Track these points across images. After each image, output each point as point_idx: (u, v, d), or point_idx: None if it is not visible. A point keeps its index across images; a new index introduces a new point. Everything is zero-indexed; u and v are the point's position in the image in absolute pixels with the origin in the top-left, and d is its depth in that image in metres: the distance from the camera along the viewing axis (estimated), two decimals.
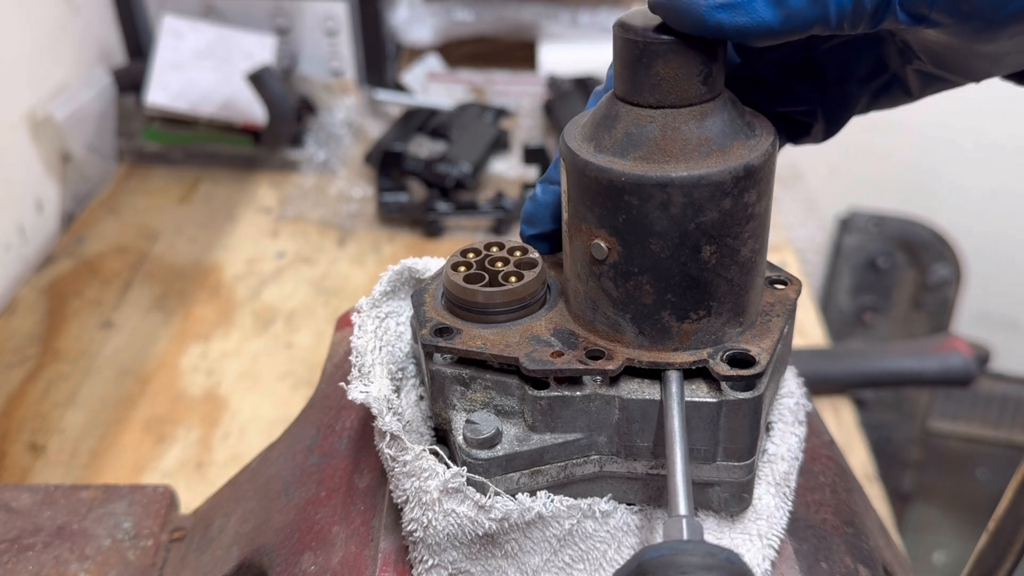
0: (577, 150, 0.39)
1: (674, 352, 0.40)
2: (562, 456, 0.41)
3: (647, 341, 0.41)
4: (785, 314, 0.43)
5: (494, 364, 0.42)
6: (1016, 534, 0.40)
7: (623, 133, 0.38)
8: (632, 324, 0.40)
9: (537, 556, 0.41)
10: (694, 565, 0.30)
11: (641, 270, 0.39)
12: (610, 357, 0.40)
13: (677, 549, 0.31)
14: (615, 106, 0.39)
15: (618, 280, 0.40)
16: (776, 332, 0.42)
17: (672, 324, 0.40)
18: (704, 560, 0.30)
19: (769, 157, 0.39)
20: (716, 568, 0.30)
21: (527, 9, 1.51)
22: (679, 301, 0.40)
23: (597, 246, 0.39)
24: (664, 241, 0.38)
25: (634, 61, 0.37)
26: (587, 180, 0.39)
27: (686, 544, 0.32)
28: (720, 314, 0.40)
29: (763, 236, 0.40)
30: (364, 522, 0.46)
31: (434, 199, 1.21)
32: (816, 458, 0.51)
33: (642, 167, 0.37)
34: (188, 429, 0.93)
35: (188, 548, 0.58)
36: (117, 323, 1.07)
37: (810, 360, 1.01)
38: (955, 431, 1.50)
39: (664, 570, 0.30)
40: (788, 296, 0.44)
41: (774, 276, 0.46)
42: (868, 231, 1.58)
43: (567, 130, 0.41)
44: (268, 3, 1.40)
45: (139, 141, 1.35)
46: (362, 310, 0.48)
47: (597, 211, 0.39)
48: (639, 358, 0.40)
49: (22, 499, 0.61)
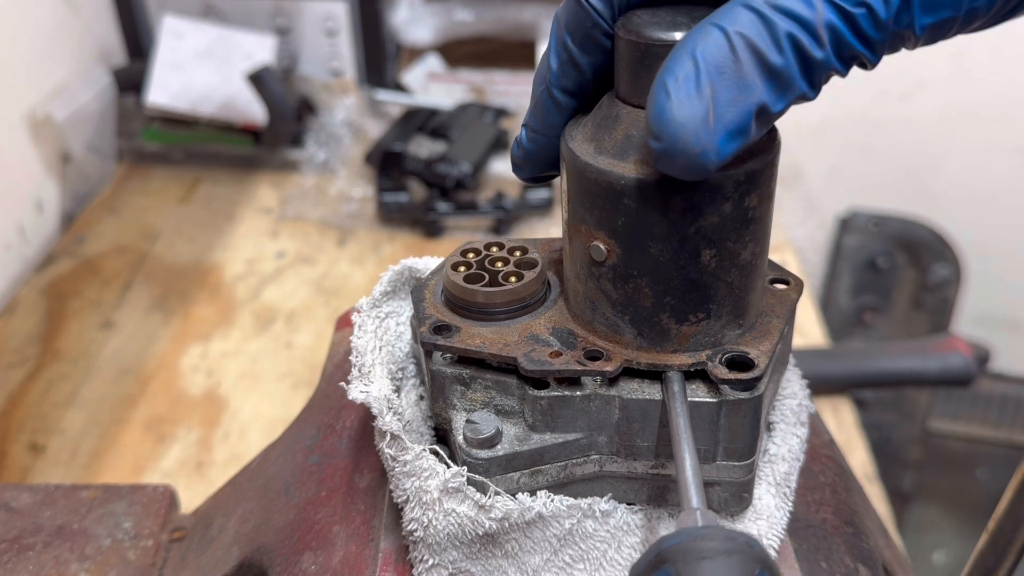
0: (577, 151, 0.39)
1: (673, 354, 0.40)
2: (562, 456, 0.41)
3: (646, 343, 0.41)
4: (785, 315, 0.43)
5: (493, 363, 0.42)
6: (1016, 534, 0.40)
7: (623, 135, 0.38)
8: (631, 326, 0.40)
9: (537, 556, 0.41)
10: (715, 550, 0.30)
11: (640, 273, 0.39)
12: (608, 358, 0.40)
13: (696, 535, 0.31)
14: (616, 107, 0.39)
15: (617, 282, 0.40)
16: (776, 334, 0.42)
17: (671, 326, 0.40)
18: (724, 544, 0.30)
19: (771, 161, 0.38)
20: (736, 552, 0.30)
21: (527, 9, 1.51)
22: (678, 304, 0.39)
23: (596, 248, 0.39)
24: (663, 245, 0.38)
25: (636, 63, 0.37)
26: (587, 182, 0.38)
27: (704, 530, 0.31)
28: (719, 316, 0.40)
29: (764, 239, 0.40)
30: (364, 522, 0.46)
31: (434, 199, 1.21)
32: (816, 458, 0.51)
33: (642, 170, 0.37)
34: (188, 429, 0.93)
35: (188, 548, 0.58)
36: (117, 323, 1.07)
37: (810, 360, 1.02)
38: (955, 431, 1.50)
39: (685, 556, 0.30)
40: (789, 296, 0.44)
41: (775, 275, 0.45)
42: (868, 231, 1.58)
43: (567, 130, 0.41)
44: (268, 3, 1.40)
45: (139, 141, 1.35)
46: (362, 310, 0.48)
47: (596, 213, 0.39)
48: (638, 359, 0.40)
49: (22, 499, 0.61)
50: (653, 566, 0.31)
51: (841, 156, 1.60)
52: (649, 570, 0.31)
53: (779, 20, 0.32)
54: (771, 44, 0.32)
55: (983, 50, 1.48)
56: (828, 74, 0.34)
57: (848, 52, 0.33)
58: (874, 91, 1.55)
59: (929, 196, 1.59)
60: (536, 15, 1.51)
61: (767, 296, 0.44)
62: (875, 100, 1.56)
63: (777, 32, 0.32)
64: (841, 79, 0.35)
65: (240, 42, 1.38)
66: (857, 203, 1.59)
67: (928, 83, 1.53)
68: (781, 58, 0.32)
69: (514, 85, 1.48)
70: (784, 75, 0.33)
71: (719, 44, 0.32)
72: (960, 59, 1.50)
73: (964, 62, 1.50)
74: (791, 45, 0.32)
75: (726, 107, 0.32)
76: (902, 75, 1.53)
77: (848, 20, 0.32)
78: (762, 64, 0.32)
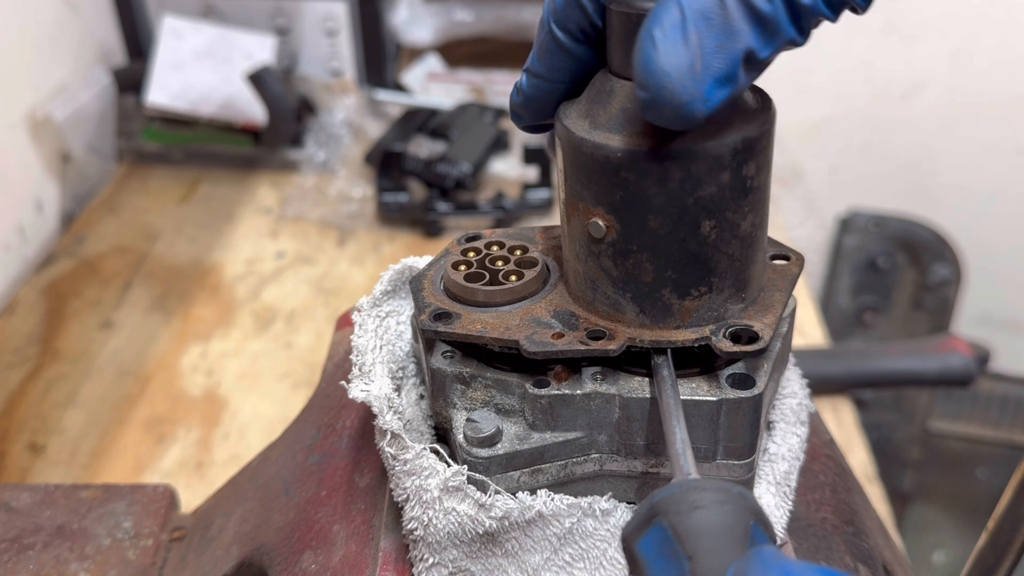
0: (572, 127, 0.39)
1: (676, 330, 0.40)
2: (562, 455, 0.41)
3: (648, 320, 0.40)
4: (787, 288, 0.43)
5: (495, 348, 0.42)
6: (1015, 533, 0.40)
7: (618, 108, 0.38)
8: (633, 303, 0.40)
9: (537, 554, 0.41)
10: (709, 500, 0.29)
11: (640, 247, 0.39)
12: (611, 337, 0.40)
13: (688, 486, 0.30)
14: (609, 81, 0.38)
15: (617, 258, 0.39)
16: (779, 307, 0.41)
17: (673, 302, 0.40)
18: (718, 495, 0.29)
19: (768, 129, 0.38)
20: (730, 502, 0.29)
21: (527, 9, 1.51)
22: (679, 278, 0.39)
23: (595, 224, 0.39)
24: (663, 217, 0.38)
25: (628, 35, 0.36)
26: (583, 157, 0.38)
27: (697, 481, 0.30)
28: (721, 290, 0.40)
29: (763, 210, 0.40)
30: (364, 521, 0.46)
31: (434, 199, 1.21)
32: (816, 457, 0.51)
33: (639, 141, 0.37)
34: (188, 429, 0.93)
35: (188, 547, 0.58)
36: (117, 323, 1.07)
37: (810, 360, 1.01)
38: (955, 431, 1.50)
39: (677, 507, 0.29)
40: (790, 271, 0.44)
41: (775, 252, 0.45)
42: (868, 231, 1.58)
43: (562, 107, 0.40)
44: (268, 3, 1.40)
45: (139, 141, 1.35)
46: (363, 309, 0.48)
47: (594, 188, 0.38)
48: (640, 337, 0.40)
49: (22, 499, 0.61)
50: (645, 522, 0.30)
51: (841, 156, 1.60)
52: (641, 527, 0.30)
53: None
54: None
55: (983, 50, 1.48)
56: (817, 20, 0.33)
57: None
58: (874, 91, 1.55)
59: (929, 196, 1.59)
60: (536, 15, 1.50)
61: (768, 272, 0.43)
62: (875, 100, 1.56)
63: None
64: (831, 24, 0.35)
65: (240, 42, 1.38)
66: (857, 203, 1.59)
67: (928, 83, 1.53)
68: (768, 4, 0.32)
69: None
70: (771, 21, 0.33)
71: None
72: (960, 59, 1.50)
73: (964, 62, 1.50)
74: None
75: (713, 54, 0.32)
76: (902, 75, 1.53)
77: None
78: (748, 10, 0.32)
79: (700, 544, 0.28)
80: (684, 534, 0.28)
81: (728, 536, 0.28)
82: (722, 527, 0.28)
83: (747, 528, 0.29)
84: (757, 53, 0.33)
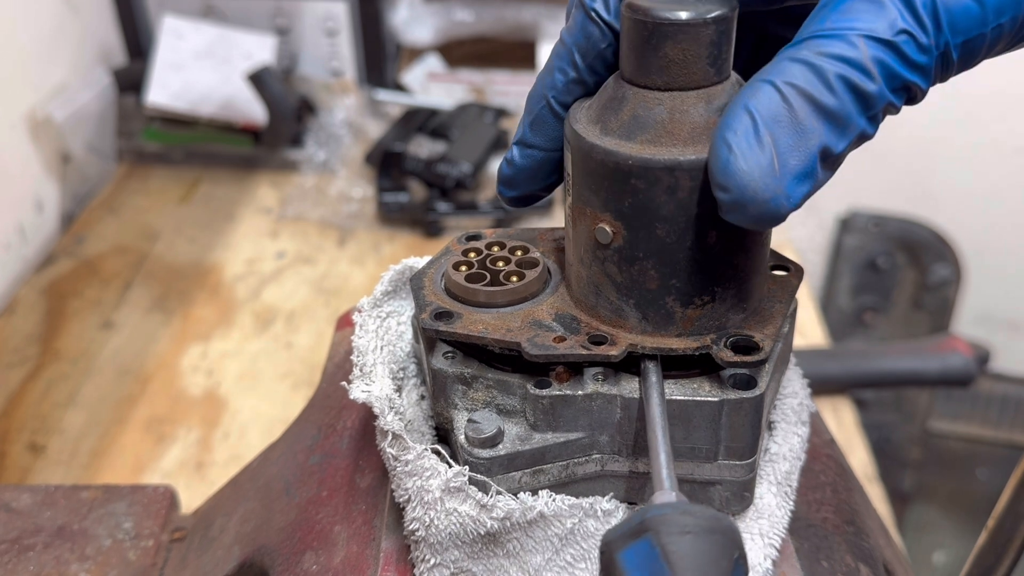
0: (583, 132, 0.39)
1: (677, 338, 0.40)
2: (564, 455, 0.41)
3: (650, 326, 0.40)
4: (787, 300, 0.43)
5: (495, 349, 0.42)
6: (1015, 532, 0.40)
7: (630, 115, 0.38)
8: (635, 309, 0.40)
9: (539, 555, 0.41)
10: (700, 527, 0.30)
11: (646, 255, 0.39)
12: (613, 342, 0.40)
13: (682, 509, 0.31)
14: (622, 88, 0.38)
15: (622, 265, 0.39)
16: (779, 318, 0.42)
17: (676, 310, 0.40)
18: (710, 523, 0.30)
19: None
20: (720, 532, 0.30)
21: (527, 9, 1.51)
22: (684, 286, 0.39)
23: (602, 230, 0.39)
24: (670, 226, 0.38)
25: (643, 42, 0.36)
26: (593, 163, 0.38)
27: (691, 506, 0.31)
28: (724, 300, 0.40)
29: None
30: (366, 521, 0.46)
31: (434, 199, 1.21)
32: (817, 457, 0.51)
33: (649, 150, 0.37)
34: (188, 429, 0.93)
35: (189, 548, 0.58)
36: (117, 323, 1.07)
37: (810, 360, 1.02)
38: (955, 431, 1.50)
39: (669, 528, 0.30)
40: (790, 282, 0.44)
41: (774, 262, 0.45)
42: (868, 231, 1.58)
43: (572, 112, 0.40)
44: (268, 3, 1.40)
45: (139, 141, 1.35)
46: (364, 309, 0.48)
47: (603, 195, 0.38)
48: (642, 343, 0.40)
49: (22, 499, 0.61)
50: (634, 533, 0.30)
51: None
52: (628, 537, 0.30)
53: (827, 64, 0.33)
54: (823, 87, 0.33)
55: None
56: (884, 108, 0.34)
57: (899, 82, 0.34)
58: None
59: (929, 196, 1.59)
60: (536, 15, 1.51)
61: (768, 283, 0.44)
62: None
63: (827, 75, 0.33)
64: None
65: (240, 42, 1.38)
66: (857, 203, 1.59)
67: None
68: (835, 99, 0.33)
69: (514, 85, 1.48)
70: (840, 115, 0.33)
71: (771, 96, 0.33)
72: None
73: None
74: (843, 85, 0.33)
75: (789, 153, 0.33)
76: None
77: (893, 50, 0.33)
78: (817, 108, 0.33)
79: (687, 569, 0.29)
80: (673, 556, 0.29)
81: (714, 568, 0.29)
82: (710, 557, 0.29)
83: (732, 562, 0.30)
84: (832, 148, 0.34)
